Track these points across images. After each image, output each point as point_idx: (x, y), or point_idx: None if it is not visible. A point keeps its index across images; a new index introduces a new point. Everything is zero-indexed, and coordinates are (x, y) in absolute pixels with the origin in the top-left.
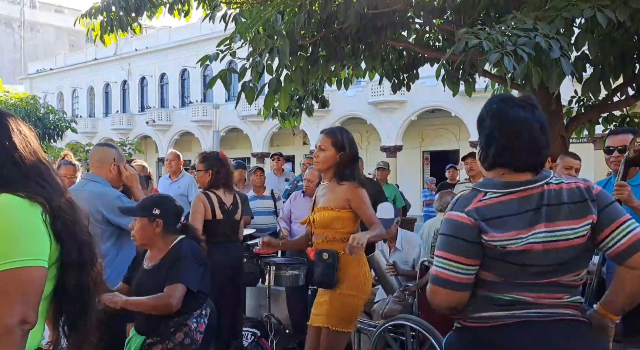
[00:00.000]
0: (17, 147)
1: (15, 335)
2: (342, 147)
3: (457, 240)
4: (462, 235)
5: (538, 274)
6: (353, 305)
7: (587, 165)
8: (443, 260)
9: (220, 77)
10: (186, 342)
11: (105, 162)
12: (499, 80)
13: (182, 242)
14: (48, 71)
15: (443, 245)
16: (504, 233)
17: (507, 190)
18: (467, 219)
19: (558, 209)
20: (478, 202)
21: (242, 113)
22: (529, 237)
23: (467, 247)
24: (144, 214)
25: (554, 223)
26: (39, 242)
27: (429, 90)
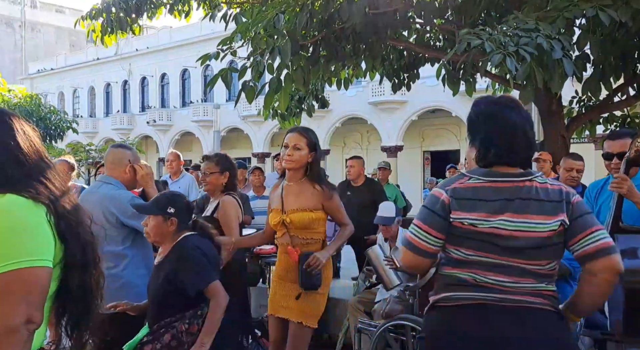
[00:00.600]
0: (21, 147)
1: (21, 335)
2: (314, 147)
3: (430, 213)
4: (435, 209)
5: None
6: (323, 303)
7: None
8: (416, 228)
9: (221, 76)
10: (172, 344)
11: (119, 164)
12: (500, 80)
13: (187, 238)
14: (49, 71)
15: (420, 214)
16: (471, 213)
17: (488, 179)
18: (444, 196)
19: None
20: (459, 184)
21: (243, 113)
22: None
23: (437, 221)
24: (159, 212)
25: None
26: (44, 242)
27: (429, 90)
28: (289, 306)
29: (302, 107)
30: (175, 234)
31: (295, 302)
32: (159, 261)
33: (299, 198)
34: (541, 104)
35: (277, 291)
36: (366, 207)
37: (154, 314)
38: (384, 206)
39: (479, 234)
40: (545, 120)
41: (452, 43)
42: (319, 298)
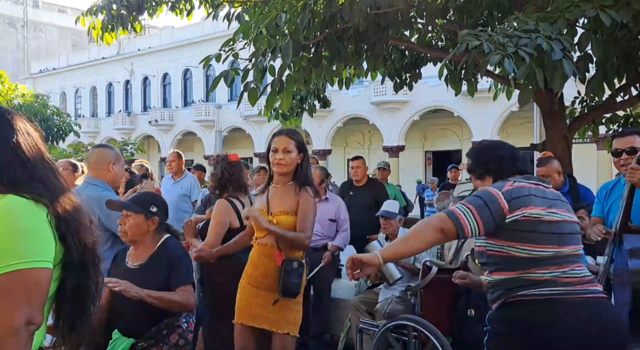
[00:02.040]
0: (24, 148)
1: (21, 336)
2: (303, 148)
3: (485, 207)
4: (490, 205)
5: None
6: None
7: (590, 166)
8: (466, 207)
9: (223, 77)
10: (181, 343)
11: (102, 164)
12: (502, 80)
13: (169, 241)
14: (51, 71)
15: (473, 201)
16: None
17: (529, 181)
18: (499, 195)
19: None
20: (509, 186)
21: (245, 113)
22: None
23: (488, 216)
24: (142, 210)
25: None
26: (45, 243)
27: (431, 90)
28: (270, 317)
29: (303, 106)
30: (155, 235)
31: (277, 313)
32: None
33: (284, 201)
34: (543, 104)
35: (249, 299)
36: (368, 207)
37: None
38: (389, 202)
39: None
40: (547, 120)
41: (454, 43)
42: (297, 306)
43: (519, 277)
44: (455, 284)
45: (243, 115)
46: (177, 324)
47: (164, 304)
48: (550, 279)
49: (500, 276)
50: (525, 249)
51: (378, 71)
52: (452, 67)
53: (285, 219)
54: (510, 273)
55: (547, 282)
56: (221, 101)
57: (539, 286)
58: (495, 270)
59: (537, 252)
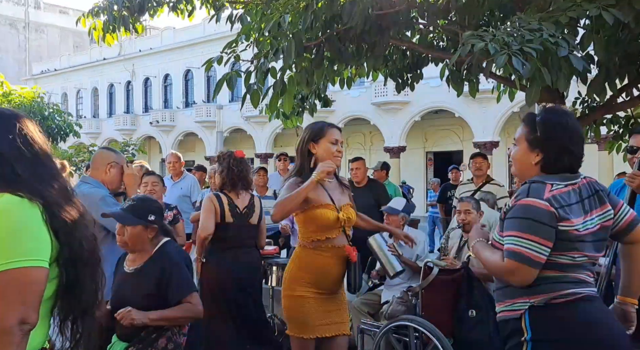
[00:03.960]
0: (19, 147)
1: (14, 335)
2: None
3: (538, 224)
4: (543, 220)
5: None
6: None
7: (592, 167)
8: (524, 240)
9: (226, 80)
10: (170, 347)
11: (100, 164)
12: (504, 81)
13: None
14: (52, 72)
15: (523, 227)
16: (577, 218)
17: (566, 183)
18: (546, 206)
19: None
20: (550, 192)
21: (246, 113)
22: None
23: (547, 230)
24: (140, 221)
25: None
26: (40, 242)
27: (433, 91)
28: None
29: (304, 106)
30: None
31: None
32: (135, 269)
33: (344, 194)
34: (545, 105)
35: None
36: (369, 208)
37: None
38: (396, 199)
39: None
40: None
41: (455, 43)
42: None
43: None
44: (457, 284)
45: (244, 115)
46: (166, 328)
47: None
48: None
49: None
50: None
51: (379, 72)
52: (454, 67)
53: (352, 213)
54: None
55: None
56: (222, 102)
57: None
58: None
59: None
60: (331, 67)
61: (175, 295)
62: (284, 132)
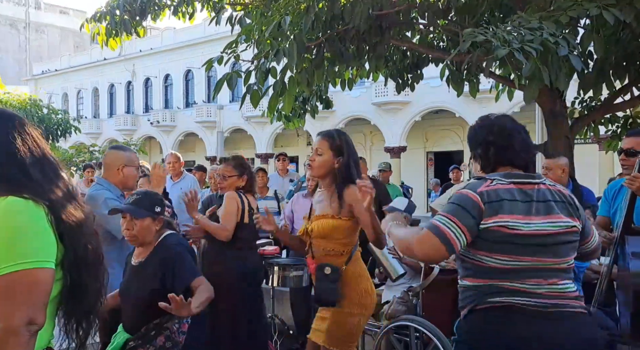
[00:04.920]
0: (23, 148)
1: (22, 336)
2: (340, 151)
3: (463, 211)
4: (467, 207)
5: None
6: (354, 325)
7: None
8: (448, 220)
9: (226, 80)
10: (167, 345)
11: (112, 166)
12: (503, 81)
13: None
14: (53, 72)
15: (451, 210)
16: (509, 215)
17: (510, 180)
18: (476, 198)
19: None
20: (486, 187)
21: (246, 114)
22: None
23: (468, 218)
24: (148, 213)
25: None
26: (46, 244)
27: (433, 91)
28: (320, 329)
29: (306, 108)
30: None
31: (325, 325)
32: (139, 262)
33: (323, 204)
34: (545, 105)
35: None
36: None
37: (135, 317)
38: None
39: (516, 237)
40: (549, 121)
41: (455, 43)
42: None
43: (493, 284)
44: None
45: (245, 116)
46: (165, 326)
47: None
48: (526, 289)
49: (471, 282)
50: (499, 259)
51: (380, 72)
52: (454, 67)
53: (321, 224)
54: (483, 280)
55: (523, 292)
56: (223, 102)
57: (514, 295)
58: (466, 275)
59: (513, 263)
60: (331, 68)
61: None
62: (284, 132)
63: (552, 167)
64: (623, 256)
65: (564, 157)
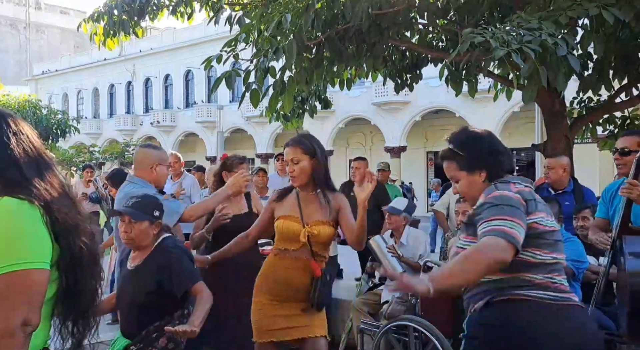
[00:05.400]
0: (18, 149)
1: (17, 337)
2: (313, 153)
3: (513, 208)
4: (517, 205)
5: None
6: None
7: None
8: (501, 220)
9: (225, 78)
10: (170, 346)
11: (145, 164)
12: (502, 80)
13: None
14: (53, 72)
15: (504, 211)
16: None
17: (525, 184)
18: (518, 196)
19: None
20: (517, 189)
21: (246, 114)
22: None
23: (522, 215)
24: (147, 217)
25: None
26: (41, 245)
27: (432, 91)
28: (299, 326)
29: (305, 108)
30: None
31: (304, 319)
32: (136, 265)
33: (317, 209)
34: (544, 105)
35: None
36: (369, 208)
37: (134, 320)
38: (398, 199)
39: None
40: (548, 120)
41: (455, 43)
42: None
43: (514, 277)
44: None
45: (244, 116)
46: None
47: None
48: (544, 282)
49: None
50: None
51: (379, 72)
52: (453, 67)
53: (324, 230)
54: (503, 274)
55: (541, 285)
56: (223, 102)
57: (533, 288)
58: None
59: (542, 257)
60: (331, 67)
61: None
62: (284, 132)
63: (554, 166)
64: (621, 256)
65: (565, 156)
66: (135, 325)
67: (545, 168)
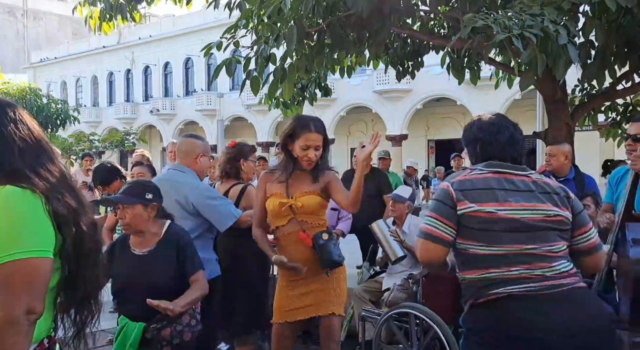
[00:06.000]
0: (18, 137)
1: (21, 325)
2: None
3: (440, 204)
4: (444, 200)
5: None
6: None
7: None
8: (430, 219)
9: (226, 65)
10: (192, 323)
11: (191, 154)
12: (504, 67)
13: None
14: (52, 60)
15: (432, 208)
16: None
17: (489, 169)
18: (448, 187)
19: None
20: (462, 177)
21: (247, 102)
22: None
23: (446, 210)
24: (138, 200)
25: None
26: (44, 233)
27: (434, 79)
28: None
29: (305, 95)
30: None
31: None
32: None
33: (304, 184)
34: (546, 92)
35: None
36: (371, 196)
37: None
38: (402, 187)
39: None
40: (549, 108)
41: (456, 30)
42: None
43: (484, 276)
44: None
45: (245, 104)
46: None
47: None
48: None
49: (466, 275)
50: (477, 246)
51: (380, 59)
52: (454, 55)
53: (308, 199)
54: (474, 272)
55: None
56: (223, 90)
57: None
58: (460, 269)
59: (496, 249)
60: (331, 55)
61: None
62: (285, 120)
63: (555, 153)
64: (623, 243)
65: (567, 143)
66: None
67: (547, 155)
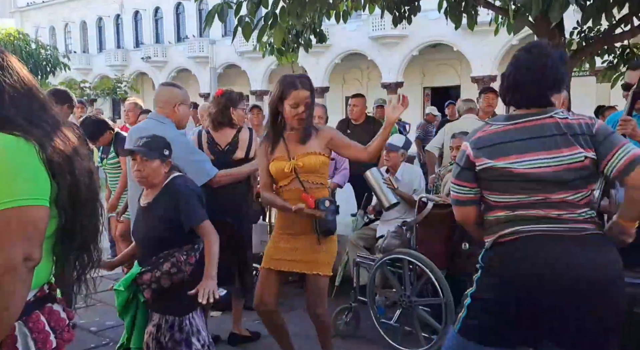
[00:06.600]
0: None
1: (19, 272)
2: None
3: (459, 168)
4: (462, 163)
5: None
6: (335, 249)
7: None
8: (453, 185)
9: (217, 12)
10: (172, 271)
11: (168, 103)
12: (502, 12)
13: (176, 178)
14: (39, 4)
15: (454, 173)
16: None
17: (508, 122)
18: (466, 147)
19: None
20: (481, 133)
21: (240, 49)
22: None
23: (465, 174)
24: (158, 155)
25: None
26: (38, 181)
27: (431, 24)
28: (302, 260)
29: (299, 41)
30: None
31: (311, 256)
32: (148, 203)
33: (304, 144)
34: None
35: (280, 245)
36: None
37: (148, 254)
38: (395, 136)
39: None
40: None
41: None
42: (327, 245)
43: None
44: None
45: (238, 51)
46: (173, 255)
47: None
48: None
49: (489, 215)
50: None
51: (376, 4)
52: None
53: (309, 159)
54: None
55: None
56: (215, 36)
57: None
58: (484, 211)
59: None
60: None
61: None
62: (279, 68)
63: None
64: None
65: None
66: (149, 257)
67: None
